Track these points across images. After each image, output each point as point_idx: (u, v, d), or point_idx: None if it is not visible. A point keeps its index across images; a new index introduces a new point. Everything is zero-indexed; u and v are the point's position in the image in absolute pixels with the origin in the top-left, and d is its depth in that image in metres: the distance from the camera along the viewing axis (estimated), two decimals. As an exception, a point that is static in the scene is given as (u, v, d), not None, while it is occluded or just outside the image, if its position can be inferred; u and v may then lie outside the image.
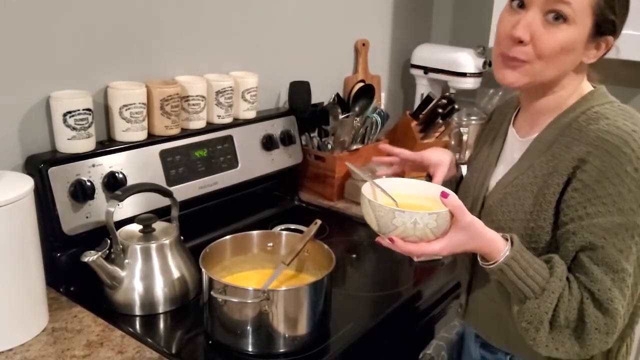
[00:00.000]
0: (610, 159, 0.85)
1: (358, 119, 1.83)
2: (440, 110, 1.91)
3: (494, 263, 0.89)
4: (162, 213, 1.27)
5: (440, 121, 1.95)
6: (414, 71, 2.21)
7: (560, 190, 0.90)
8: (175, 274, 1.19)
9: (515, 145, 1.03)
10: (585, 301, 0.87)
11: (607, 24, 0.90)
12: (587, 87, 0.98)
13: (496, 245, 0.89)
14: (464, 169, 1.23)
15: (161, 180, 1.35)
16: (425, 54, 2.17)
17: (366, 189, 0.95)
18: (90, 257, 1.09)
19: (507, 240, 0.90)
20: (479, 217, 0.99)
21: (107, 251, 1.15)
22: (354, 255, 1.51)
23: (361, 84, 1.92)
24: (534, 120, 1.00)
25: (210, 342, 1.10)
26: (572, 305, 0.87)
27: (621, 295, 0.87)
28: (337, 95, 1.89)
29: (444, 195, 0.88)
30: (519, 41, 0.90)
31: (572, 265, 0.90)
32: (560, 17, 0.88)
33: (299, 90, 1.75)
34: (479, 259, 0.93)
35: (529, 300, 0.88)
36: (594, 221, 0.86)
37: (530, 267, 0.88)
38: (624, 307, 0.88)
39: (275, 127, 1.65)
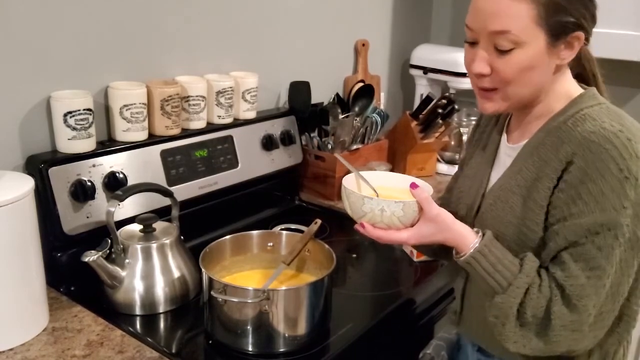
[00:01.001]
0: (595, 159, 0.85)
1: (358, 119, 1.84)
2: (440, 111, 1.91)
3: (462, 256, 0.92)
4: (162, 213, 1.27)
5: (440, 121, 1.95)
6: (414, 71, 2.21)
7: (550, 193, 0.90)
8: (176, 273, 1.20)
9: (507, 152, 1.03)
10: (553, 299, 0.87)
11: (565, 27, 0.88)
12: (575, 89, 0.97)
13: (466, 239, 0.93)
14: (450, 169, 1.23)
15: (162, 180, 1.35)
16: (425, 54, 2.17)
17: (347, 179, 1.01)
18: (91, 257, 1.09)
19: (478, 234, 0.93)
20: (473, 224, 1.00)
21: (108, 251, 1.15)
22: (355, 255, 1.51)
23: (361, 84, 1.93)
24: (524, 127, 1.00)
25: (210, 341, 1.10)
26: (539, 303, 0.88)
27: (595, 294, 0.86)
28: (337, 95, 1.89)
29: (412, 186, 0.94)
30: (481, 75, 0.92)
31: (551, 262, 0.90)
32: (504, 48, 0.88)
33: (299, 90, 1.75)
34: (453, 253, 0.95)
35: (497, 295, 0.90)
36: (577, 221, 0.86)
37: (499, 262, 0.90)
38: (596, 307, 0.87)
39: (275, 127, 1.66)
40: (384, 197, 0.96)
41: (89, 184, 1.21)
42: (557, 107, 0.96)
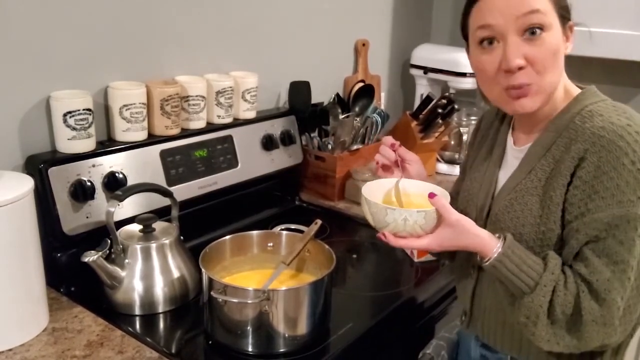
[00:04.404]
0: (607, 154, 0.86)
1: (358, 119, 1.83)
2: (440, 110, 1.91)
3: (488, 260, 0.92)
4: (162, 213, 1.27)
5: (440, 121, 1.95)
6: (414, 71, 2.21)
7: (566, 191, 0.91)
8: (175, 273, 1.19)
9: (514, 155, 1.03)
10: (581, 294, 0.88)
11: (567, 12, 0.93)
12: (572, 86, 0.99)
13: (487, 243, 0.93)
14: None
15: (161, 180, 1.35)
16: (425, 54, 2.17)
17: (365, 189, 1.01)
18: (91, 257, 1.09)
19: (499, 238, 0.93)
20: (485, 226, 1.01)
21: (107, 251, 1.15)
22: (355, 255, 1.51)
23: (361, 84, 1.92)
24: (530, 128, 1.01)
25: (210, 342, 1.10)
26: (567, 299, 0.89)
27: (621, 286, 0.87)
28: (337, 95, 1.89)
29: (431, 195, 0.95)
30: (518, 68, 0.90)
31: (574, 259, 0.91)
32: (536, 30, 0.89)
33: (299, 90, 1.75)
34: (477, 258, 0.96)
35: (525, 296, 0.91)
36: (595, 216, 0.87)
37: (523, 263, 0.91)
38: (624, 299, 0.88)
39: (275, 127, 1.66)
40: (415, 205, 0.98)
41: (88, 184, 1.21)
42: (560, 104, 0.97)
